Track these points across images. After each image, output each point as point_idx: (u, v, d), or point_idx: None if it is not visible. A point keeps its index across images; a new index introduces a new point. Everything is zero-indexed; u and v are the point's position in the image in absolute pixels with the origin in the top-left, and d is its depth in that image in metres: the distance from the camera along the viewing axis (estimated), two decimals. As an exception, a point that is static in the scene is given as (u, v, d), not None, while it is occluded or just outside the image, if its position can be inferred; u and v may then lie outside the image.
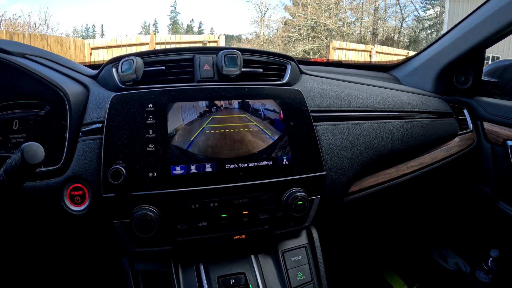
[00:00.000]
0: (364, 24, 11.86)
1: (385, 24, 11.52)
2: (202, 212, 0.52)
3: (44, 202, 0.50)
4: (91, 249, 0.57)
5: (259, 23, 11.94)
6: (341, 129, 0.65)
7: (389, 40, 11.87)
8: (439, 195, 1.01)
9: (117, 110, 0.53)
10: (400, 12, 11.58)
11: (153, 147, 0.51)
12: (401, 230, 1.04)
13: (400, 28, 11.85)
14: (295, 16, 11.67)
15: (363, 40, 11.44)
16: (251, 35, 12.22)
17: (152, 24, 12.55)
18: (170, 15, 12.72)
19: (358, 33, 11.89)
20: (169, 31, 12.68)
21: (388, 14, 11.55)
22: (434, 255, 1.04)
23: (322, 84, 0.72)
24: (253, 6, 12.98)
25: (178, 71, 0.60)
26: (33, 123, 0.64)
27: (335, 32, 11.42)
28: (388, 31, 11.77)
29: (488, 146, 0.89)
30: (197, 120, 0.54)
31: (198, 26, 13.00)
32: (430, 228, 1.08)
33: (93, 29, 11.50)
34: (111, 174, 0.48)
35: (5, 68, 0.56)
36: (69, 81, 0.59)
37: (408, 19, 11.76)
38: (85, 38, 10.04)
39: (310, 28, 11.55)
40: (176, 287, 0.52)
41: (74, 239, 0.55)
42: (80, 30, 10.99)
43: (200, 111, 0.55)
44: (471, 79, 0.93)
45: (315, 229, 0.62)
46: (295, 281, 0.57)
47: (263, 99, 0.58)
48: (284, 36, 11.63)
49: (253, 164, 0.54)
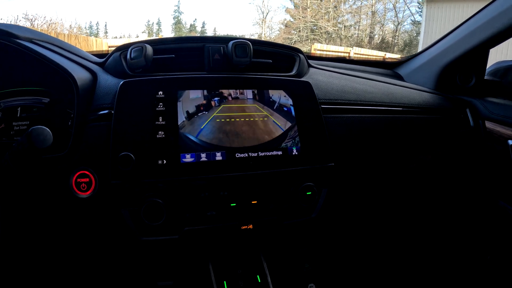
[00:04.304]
0: (362, 28, 11.99)
1: (384, 28, 11.66)
2: (211, 200, 0.51)
3: (49, 188, 0.49)
4: (96, 237, 0.56)
5: (260, 25, 11.99)
6: (348, 121, 0.66)
7: (384, 43, 12.02)
8: (440, 194, 1.02)
9: (126, 96, 0.52)
10: (396, 17, 11.74)
11: (162, 135, 0.50)
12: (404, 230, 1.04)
13: (395, 32, 12.01)
14: (296, 19, 11.75)
15: (361, 42, 11.56)
16: (253, 36, 12.30)
17: (156, 23, 12.53)
18: (173, 15, 12.72)
19: (356, 36, 12.01)
20: (173, 30, 12.69)
21: (387, 18, 11.69)
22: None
23: (329, 77, 0.72)
24: (255, 7, 13.02)
25: (188, 60, 0.59)
26: (37, 110, 0.63)
27: (334, 34, 11.53)
28: (384, 34, 11.91)
29: (490, 145, 0.90)
30: (208, 108, 0.54)
31: (201, 26, 13.01)
32: (430, 228, 1.08)
33: (97, 26, 11.45)
34: (120, 160, 0.47)
35: (12, 53, 0.55)
36: (77, 67, 0.58)
37: (405, 23, 11.92)
38: (89, 35, 10.14)
39: (309, 31, 11.63)
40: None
41: (79, 226, 0.54)
42: (84, 27, 10.97)
43: (210, 100, 0.54)
44: (474, 79, 0.94)
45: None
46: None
47: (274, 90, 0.58)
48: (284, 37, 11.70)
49: (263, 154, 0.54)
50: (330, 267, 0.80)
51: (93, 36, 9.80)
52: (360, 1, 11.64)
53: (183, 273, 0.58)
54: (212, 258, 0.58)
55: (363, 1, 11.68)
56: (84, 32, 10.91)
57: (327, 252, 0.79)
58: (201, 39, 0.61)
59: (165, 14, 15.88)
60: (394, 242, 0.93)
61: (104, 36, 12.61)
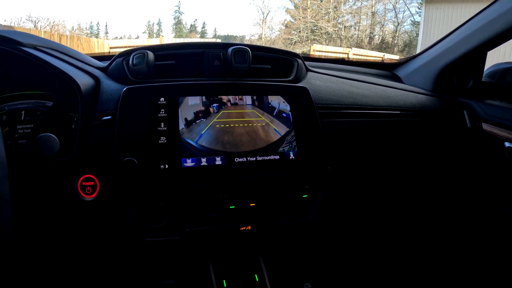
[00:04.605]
0: (361, 28, 11.98)
1: (384, 28, 11.65)
2: (211, 203, 0.53)
3: (55, 191, 0.51)
4: (101, 238, 0.58)
5: (260, 25, 12.00)
6: (345, 125, 0.67)
7: (384, 44, 12.01)
8: (437, 196, 1.03)
9: (129, 102, 0.53)
10: (396, 17, 11.73)
11: (164, 140, 0.52)
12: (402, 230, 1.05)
13: (395, 32, 12.00)
14: (296, 19, 11.75)
15: (361, 43, 11.55)
16: (254, 36, 12.31)
17: (156, 23, 12.55)
18: (174, 15, 12.74)
19: (356, 36, 12.00)
20: (173, 30, 12.72)
21: (387, 18, 11.68)
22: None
23: (327, 81, 0.73)
24: (256, 8, 13.04)
25: (188, 65, 0.61)
26: (41, 113, 0.65)
27: (335, 35, 11.52)
28: (384, 35, 11.90)
29: (486, 147, 0.91)
30: (208, 114, 0.55)
31: (201, 26, 13.03)
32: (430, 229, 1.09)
33: (98, 27, 11.49)
34: (124, 165, 0.49)
35: (16, 59, 0.56)
36: (80, 73, 0.59)
37: (405, 24, 11.90)
38: (90, 36, 10.22)
39: (309, 31, 11.63)
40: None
41: (85, 228, 0.56)
42: (84, 28, 11.02)
43: (210, 106, 0.56)
44: (472, 81, 0.95)
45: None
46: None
47: (272, 95, 0.60)
48: (285, 38, 11.70)
49: (261, 158, 0.55)
50: (326, 267, 0.81)
51: (94, 37, 9.86)
52: (360, 1, 11.66)
53: (184, 273, 0.60)
54: (212, 258, 0.59)
55: (363, 2, 11.69)
56: (84, 32, 10.99)
57: (323, 252, 0.80)
58: (201, 45, 0.62)
59: (165, 15, 15.95)
60: (391, 244, 0.94)
61: (105, 37, 12.67)
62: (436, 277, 0.98)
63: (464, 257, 0.99)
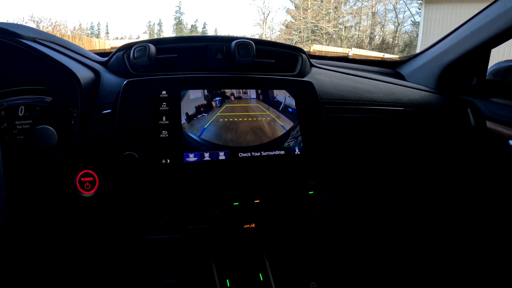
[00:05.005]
0: (362, 28, 12.01)
1: (384, 29, 11.68)
2: (215, 200, 0.52)
3: (53, 187, 0.50)
4: (101, 236, 0.56)
5: (261, 25, 12.02)
6: (350, 120, 0.66)
7: (385, 44, 12.04)
8: (441, 193, 1.02)
9: (130, 95, 0.52)
10: (396, 18, 11.75)
11: (166, 134, 0.50)
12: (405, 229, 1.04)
13: (396, 33, 12.03)
14: (296, 19, 11.77)
15: (362, 43, 11.57)
16: (254, 36, 12.37)
17: (157, 23, 12.56)
18: (175, 15, 12.76)
19: (356, 37, 12.02)
20: (174, 31, 12.74)
21: (387, 19, 11.71)
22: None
23: (331, 77, 0.72)
24: (256, 8, 13.06)
25: (191, 59, 0.59)
26: (40, 109, 0.63)
27: (335, 35, 11.54)
28: (384, 35, 11.93)
29: (490, 145, 0.90)
30: (211, 108, 0.54)
31: (202, 26, 13.06)
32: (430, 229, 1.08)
33: (98, 27, 11.50)
34: (124, 160, 0.47)
35: (15, 52, 0.55)
36: (80, 66, 0.58)
37: (406, 24, 11.93)
38: (91, 36, 10.27)
39: (310, 32, 11.64)
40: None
41: (84, 225, 0.54)
42: (85, 28, 11.04)
43: (213, 99, 0.54)
44: (476, 78, 0.94)
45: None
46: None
47: (276, 89, 0.58)
48: (285, 38, 11.72)
49: (266, 153, 0.54)
50: (332, 266, 0.80)
51: (95, 37, 9.89)
52: (360, 2, 11.68)
53: (186, 272, 0.59)
54: (215, 256, 0.58)
55: (364, 2, 11.71)
56: (85, 32, 11.00)
57: (329, 250, 0.79)
58: (204, 38, 0.61)
59: (166, 15, 15.98)
60: (396, 241, 0.93)
61: (106, 37, 12.68)
62: (445, 276, 0.97)
63: (467, 255, 0.99)
